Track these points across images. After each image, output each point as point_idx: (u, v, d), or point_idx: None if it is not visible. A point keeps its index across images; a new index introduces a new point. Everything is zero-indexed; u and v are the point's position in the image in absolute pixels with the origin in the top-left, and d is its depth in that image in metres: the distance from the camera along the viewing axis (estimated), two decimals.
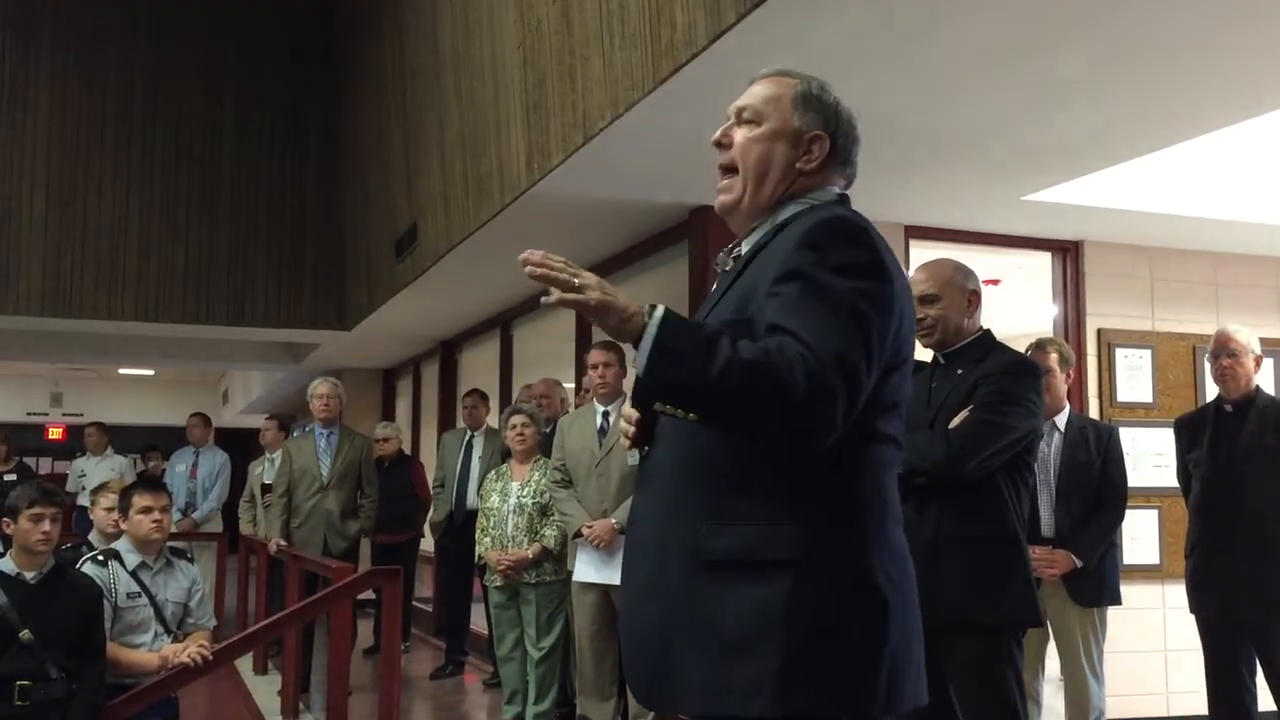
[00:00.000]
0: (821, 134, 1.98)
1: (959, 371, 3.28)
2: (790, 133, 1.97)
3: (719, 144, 2.01)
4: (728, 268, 2.00)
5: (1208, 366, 4.51)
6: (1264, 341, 6.06)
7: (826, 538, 1.77)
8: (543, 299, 1.78)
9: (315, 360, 11.44)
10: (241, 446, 14.27)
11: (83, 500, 9.85)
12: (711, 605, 1.76)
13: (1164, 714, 5.75)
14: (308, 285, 9.69)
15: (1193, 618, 4.43)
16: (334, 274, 9.70)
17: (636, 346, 1.74)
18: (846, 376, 1.71)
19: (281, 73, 9.72)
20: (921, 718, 3.16)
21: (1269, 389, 5.84)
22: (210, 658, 4.04)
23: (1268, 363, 6.11)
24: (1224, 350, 4.33)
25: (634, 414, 1.92)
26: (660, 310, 1.73)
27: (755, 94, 2.01)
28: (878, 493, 1.84)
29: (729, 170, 2.00)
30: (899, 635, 1.80)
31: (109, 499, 4.63)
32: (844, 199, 2.02)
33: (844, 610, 1.76)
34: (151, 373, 18.13)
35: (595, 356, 5.17)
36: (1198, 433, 4.44)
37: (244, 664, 7.34)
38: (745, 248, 1.99)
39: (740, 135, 1.99)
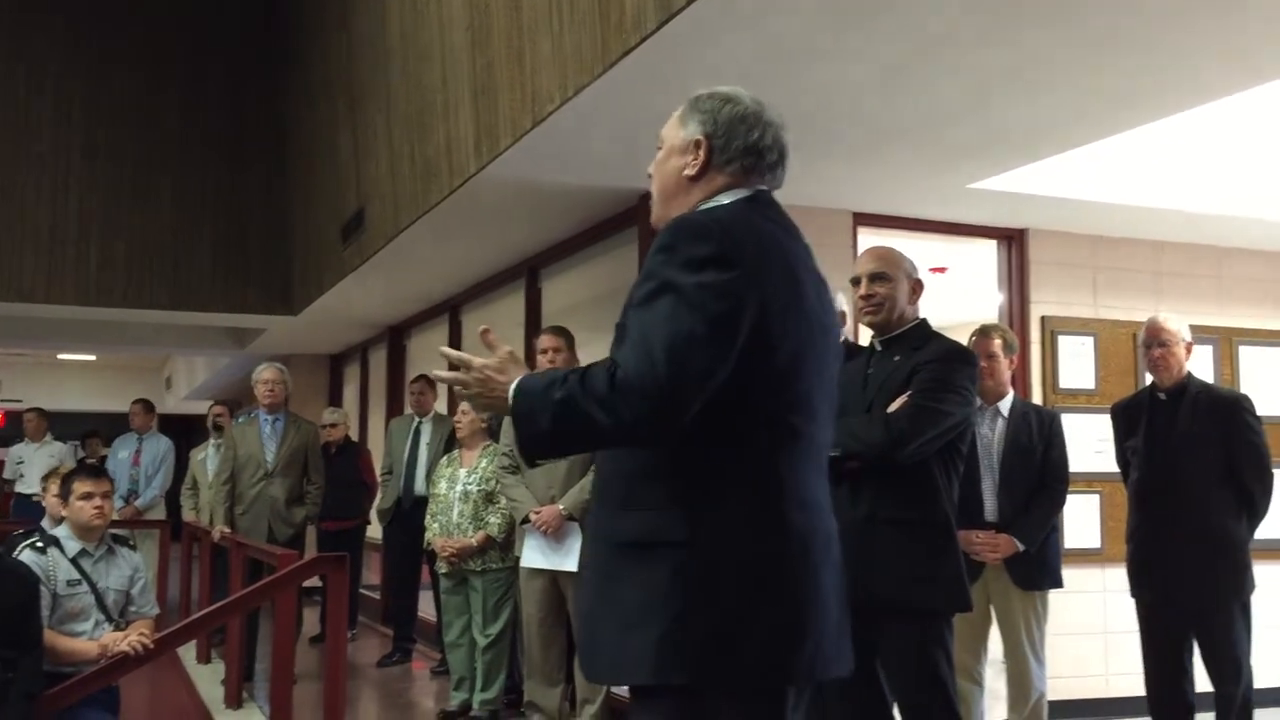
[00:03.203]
0: (699, 139, 2.08)
1: (896, 358, 3.33)
2: (679, 146, 2.11)
3: (651, 175, 2.17)
4: None
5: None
6: (1202, 329, 6.23)
7: (712, 520, 1.88)
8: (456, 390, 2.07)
9: (261, 345, 11.29)
10: (186, 433, 14.10)
11: (21, 488, 9.69)
12: (617, 584, 1.92)
13: (1104, 695, 5.85)
14: (253, 269, 9.55)
15: (1132, 601, 4.51)
16: (280, 258, 9.57)
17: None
18: (675, 366, 1.81)
19: (226, 53, 9.56)
20: (852, 700, 3.23)
21: (1208, 376, 5.97)
22: (151, 646, 3.97)
23: (1206, 349, 6.26)
24: (1155, 340, 4.41)
25: (472, 371, 2.03)
26: (513, 385, 1.93)
27: (667, 123, 2.16)
28: (773, 475, 1.93)
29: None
30: (814, 610, 1.90)
31: (59, 486, 4.55)
32: (755, 197, 2.07)
33: (724, 587, 1.86)
34: (93, 358, 17.83)
35: (544, 341, 5.16)
36: (1134, 420, 4.51)
37: (187, 653, 7.26)
38: None
39: (652, 165, 2.17)
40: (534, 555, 4.98)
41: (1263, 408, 6.01)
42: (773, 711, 1.90)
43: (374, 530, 8.39)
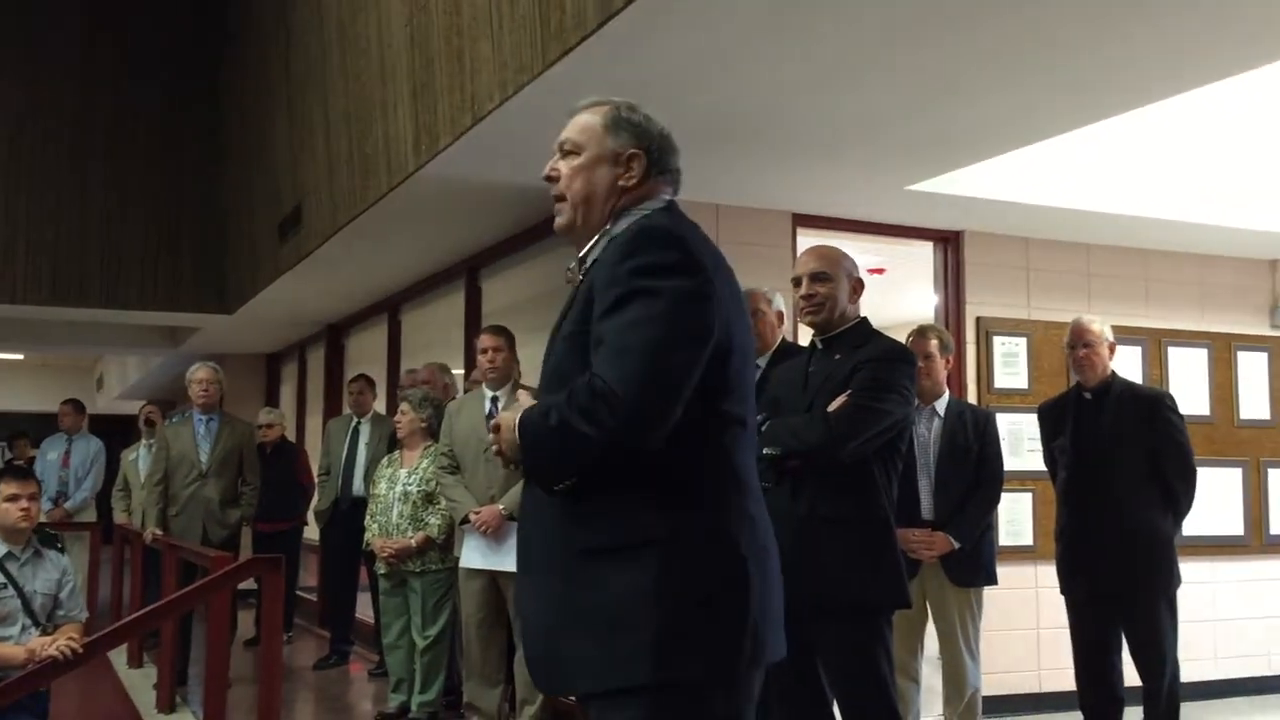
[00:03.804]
0: (637, 150, 2.13)
1: (837, 357, 3.35)
2: (608, 155, 2.13)
3: (548, 178, 2.17)
4: (579, 279, 2.15)
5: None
6: (1132, 330, 6.36)
7: (686, 517, 1.93)
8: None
9: (195, 344, 11.11)
10: (118, 433, 13.81)
11: None
12: (590, 590, 1.91)
13: (1036, 690, 5.96)
14: (186, 267, 9.39)
15: (1063, 598, 4.59)
16: (215, 255, 9.42)
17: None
18: (657, 374, 1.87)
19: (161, 47, 9.39)
20: (792, 698, 3.26)
21: (1136, 376, 6.10)
22: (79, 651, 3.89)
23: (1134, 350, 6.40)
24: (1080, 340, 4.49)
25: (494, 438, 2.02)
26: (516, 420, 1.96)
27: (573, 126, 2.18)
28: (731, 471, 2.00)
29: (560, 199, 2.17)
30: (760, 600, 1.96)
31: None
32: (671, 205, 2.16)
33: (709, 581, 1.91)
34: (20, 357, 17.40)
35: (485, 341, 5.13)
36: (1060, 420, 4.60)
37: (119, 658, 7.13)
38: (588, 261, 2.14)
39: (565, 167, 2.16)
40: (473, 556, 4.95)
41: (1190, 407, 6.19)
42: (749, 692, 1.97)
43: (311, 531, 8.30)
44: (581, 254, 2.15)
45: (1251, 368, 6.82)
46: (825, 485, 3.22)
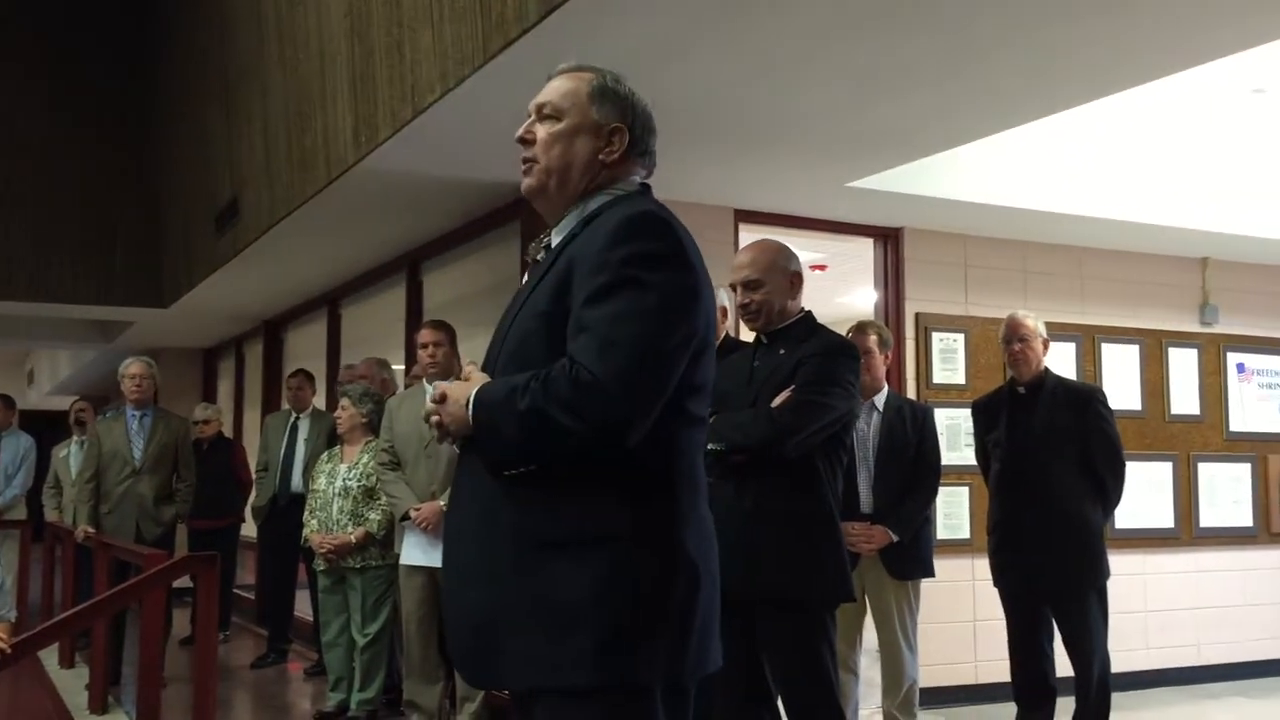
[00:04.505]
0: (620, 126, 2.04)
1: (781, 352, 3.36)
2: (590, 126, 2.03)
3: (522, 140, 2.06)
4: (539, 258, 2.05)
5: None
6: (1066, 327, 6.47)
7: (644, 514, 1.86)
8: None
9: (129, 339, 10.90)
10: (50, 429, 13.51)
11: None
12: (540, 582, 1.82)
13: (973, 681, 6.04)
14: (120, 260, 9.20)
15: (996, 590, 4.65)
16: (150, 248, 9.24)
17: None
18: (646, 372, 1.80)
19: (94, 35, 9.19)
20: (736, 692, 3.27)
21: (1071, 372, 6.21)
22: (9, 651, 3.79)
23: (1069, 346, 6.51)
24: (1015, 336, 4.56)
25: (433, 407, 1.93)
26: (471, 396, 1.86)
27: (554, 90, 2.06)
28: (689, 470, 1.94)
29: (532, 161, 2.06)
30: (707, 604, 1.90)
31: None
32: (646, 189, 2.08)
33: (662, 581, 1.85)
34: None
35: (425, 335, 5.09)
36: (994, 414, 4.66)
37: (50, 658, 6.99)
38: (555, 238, 2.04)
39: (542, 131, 2.04)
40: (414, 552, 4.92)
41: (1123, 402, 6.31)
42: (685, 702, 1.92)
43: (249, 529, 8.18)
44: (553, 229, 2.06)
45: (1182, 364, 6.97)
46: (770, 480, 3.22)
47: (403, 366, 6.92)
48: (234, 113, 7.15)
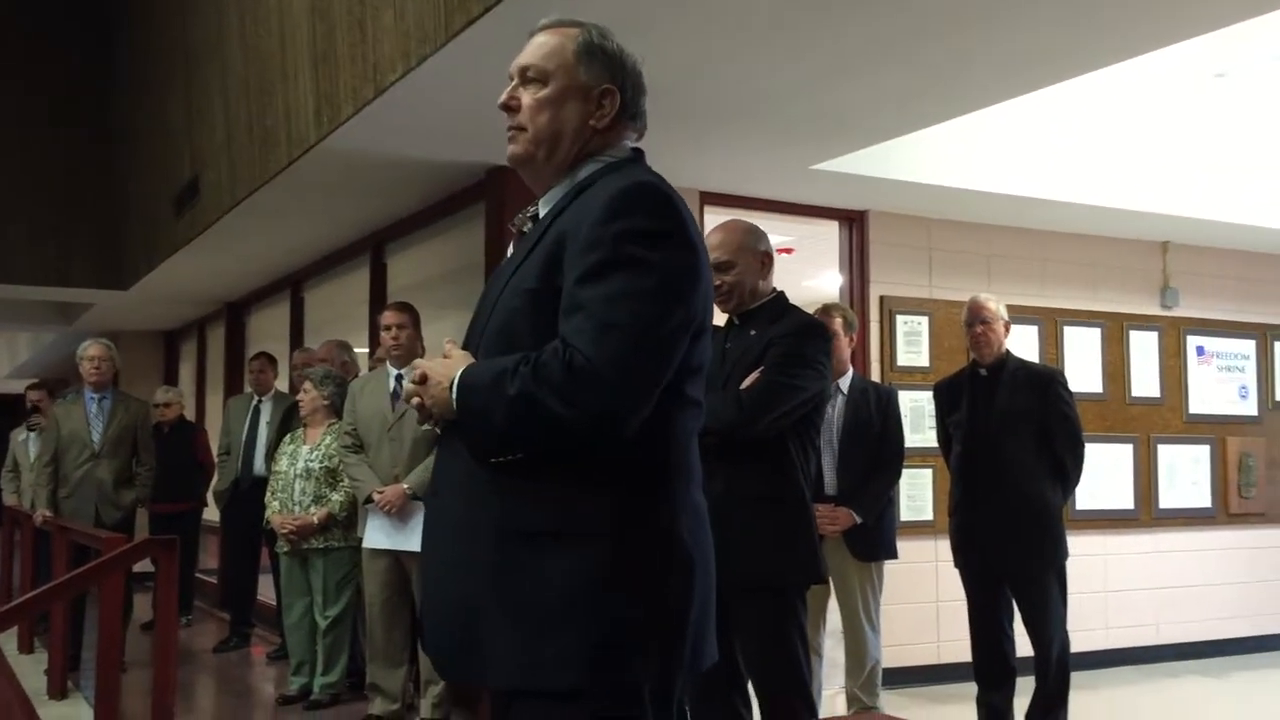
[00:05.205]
0: (611, 87, 1.90)
1: (752, 333, 3.33)
2: (579, 89, 1.89)
3: (506, 107, 1.92)
4: (526, 229, 1.94)
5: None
6: (1029, 310, 6.52)
7: (636, 505, 1.74)
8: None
9: (89, 321, 10.76)
10: (7, 413, 13.33)
11: None
12: (524, 577, 1.71)
13: (935, 661, 6.09)
14: (79, 241, 9.05)
15: (957, 571, 4.68)
16: (109, 229, 9.10)
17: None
18: (645, 358, 1.69)
19: (52, 12, 9.02)
20: (707, 675, 3.26)
21: (1033, 355, 6.25)
22: None
23: (1031, 329, 6.56)
24: (977, 318, 4.58)
25: (414, 388, 1.83)
26: (455, 378, 1.75)
27: (537, 49, 1.92)
28: (683, 457, 1.83)
29: (519, 129, 1.92)
30: (703, 597, 1.80)
31: None
32: (639, 154, 1.96)
33: (655, 576, 1.74)
34: None
35: (388, 318, 5.05)
36: (956, 396, 4.68)
37: (8, 642, 6.90)
38: (543, 210, 1.92)
39: (527, 97, 1.90)
40: (377, 535, 4.89)
41: (1084, 384, 6.37)
42: (680, 701, 1.85)
43: (211, 512, 8.11)
44: (541, 200, 1.93)
45: (1142, 347, 7.04)
46: (741, 462, 3.19)
47: (367, 349, 6.87)
48: (194, 91, 7.05)
